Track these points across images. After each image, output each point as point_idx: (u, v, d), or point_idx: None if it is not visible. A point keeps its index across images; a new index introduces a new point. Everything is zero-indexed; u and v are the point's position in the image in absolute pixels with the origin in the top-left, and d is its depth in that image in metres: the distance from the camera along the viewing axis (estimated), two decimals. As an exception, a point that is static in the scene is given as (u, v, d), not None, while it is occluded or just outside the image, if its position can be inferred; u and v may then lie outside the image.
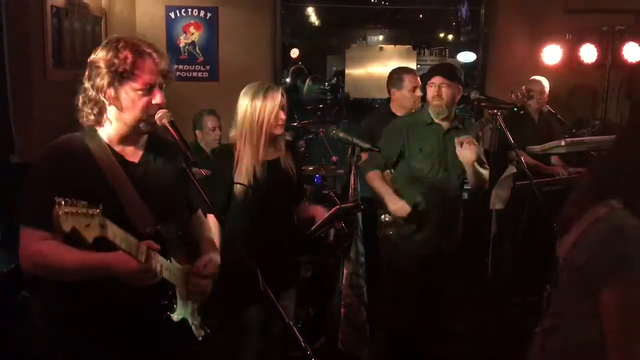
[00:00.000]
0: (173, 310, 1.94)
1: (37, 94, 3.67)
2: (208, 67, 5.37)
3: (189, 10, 5.32)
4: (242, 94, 2.72)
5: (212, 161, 2.78)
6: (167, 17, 5.31)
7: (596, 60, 5.01)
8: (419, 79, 4.10)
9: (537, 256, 4.16)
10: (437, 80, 3.23)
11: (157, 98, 1.93)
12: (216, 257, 2.15)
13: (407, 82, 4.07)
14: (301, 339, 1.76)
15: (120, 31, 5.05)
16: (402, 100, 4.09)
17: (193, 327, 2.03)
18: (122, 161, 1.94)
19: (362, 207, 2.87)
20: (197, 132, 4.60)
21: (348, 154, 2.90)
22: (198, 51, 5.36)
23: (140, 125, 1.93)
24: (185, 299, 2.00)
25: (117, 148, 1.95)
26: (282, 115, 2.67)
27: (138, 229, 1.85)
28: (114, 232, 1.62)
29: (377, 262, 3.45)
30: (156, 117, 1.94)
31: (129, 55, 1.86)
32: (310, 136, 6.75)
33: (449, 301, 3.79)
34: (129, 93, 1.88)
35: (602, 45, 4.97)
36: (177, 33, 5.34)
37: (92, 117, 1.90)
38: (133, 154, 1.99)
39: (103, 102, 1.88)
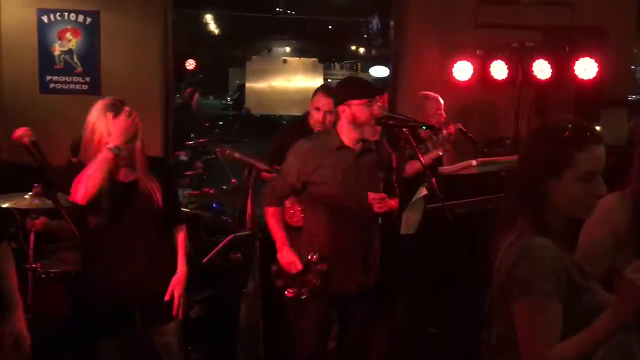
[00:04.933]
0: None
1: None
2: (88, 79, 5.23)
3: (66, 14, 5.18)
4: None
5: None
6: (39, 21, 5.15)
7: (507, 77, 5.33)
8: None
9: (450, 283, 4.33)
10: (381, 100, 3.21)
11: None
12: None
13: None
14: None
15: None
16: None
17: None
18: None
19: (260, 234, 2.87)
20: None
21: (244, 176, 2.91)
22: (76, 61, 5.21)
23: None
24: None
25: None
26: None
27: None
28: None
29: (275, 294, 3.41)
30: (16, 135, 1.90)
31: None
32: (209, 156, 6.70)
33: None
34: None
35: (513, 62, 5.29)
36: (51, 40, 5.17)
37: None
38: None
39: None
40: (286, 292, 3.15)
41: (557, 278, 1.62)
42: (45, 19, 5.17)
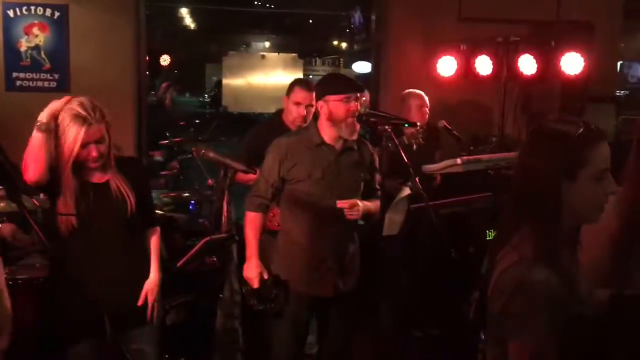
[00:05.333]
0: None
1: None
2: (57, 76, 5.18)
3: (32, 7, 5.13)
4: None
5: None
6: (5, 15, 5.09)
7: (492, 72, 5.36)
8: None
9: (437, 285, 4.34)
10: (364, 95, 3.18)
11: None
12: None
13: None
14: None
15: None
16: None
17: None
18: None
19: (237, 237, 2.85)
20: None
21: (220, 176, 2.89)
22: (44, 57, 5.16)
23: None
24: None
25: None
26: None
27: None
28: None
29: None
30: None
31: None
32: (185, 156, 6.67)
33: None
34: None
35: (497, 57, 5.32)
36: (17, 35, 5.12)
37: None
38: None
39: None
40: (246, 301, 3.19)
41: (554, 314, 1.61)
42: (10, 13, 5.12)
